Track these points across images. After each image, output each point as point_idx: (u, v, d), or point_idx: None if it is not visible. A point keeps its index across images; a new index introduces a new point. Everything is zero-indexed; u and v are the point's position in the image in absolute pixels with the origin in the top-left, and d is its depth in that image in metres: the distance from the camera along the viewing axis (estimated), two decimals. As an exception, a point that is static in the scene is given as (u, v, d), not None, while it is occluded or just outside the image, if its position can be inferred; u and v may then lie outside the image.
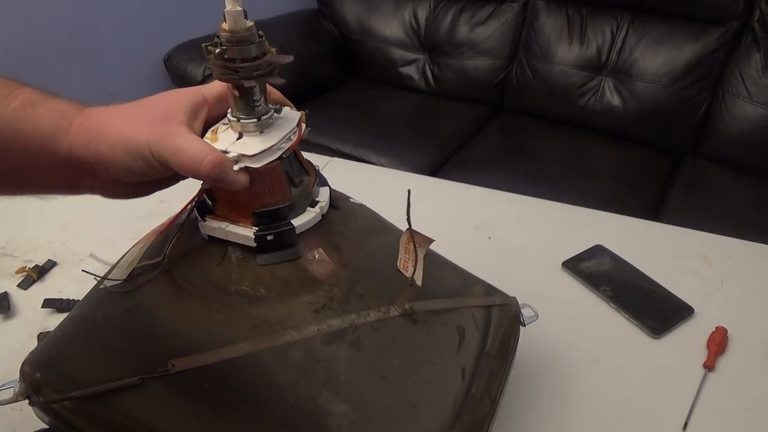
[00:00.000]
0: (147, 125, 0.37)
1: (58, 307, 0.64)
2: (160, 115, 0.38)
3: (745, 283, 0.70)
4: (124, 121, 0.37)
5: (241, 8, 0.36)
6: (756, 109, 1.55)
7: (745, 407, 0.56)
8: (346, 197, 0.51)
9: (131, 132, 0.37)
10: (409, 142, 1.72)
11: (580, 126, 1.79)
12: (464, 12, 1.94)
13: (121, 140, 0.36)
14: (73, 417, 0.41)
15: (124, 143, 0.36)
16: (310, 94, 1.90)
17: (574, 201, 0.85)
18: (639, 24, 1.70)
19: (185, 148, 0.36)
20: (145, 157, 0.36)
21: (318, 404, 0.37)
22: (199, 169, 0.36)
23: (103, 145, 0.37)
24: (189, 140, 0.37)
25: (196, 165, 0.36)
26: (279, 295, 0.41)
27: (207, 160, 0.36)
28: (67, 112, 0.38)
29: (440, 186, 0.91)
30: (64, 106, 0.38)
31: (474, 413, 0.42)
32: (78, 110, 0.38)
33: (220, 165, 0.37)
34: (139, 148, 0.36)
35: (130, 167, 0.37)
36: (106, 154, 0.37)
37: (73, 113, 0.38)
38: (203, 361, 0.38)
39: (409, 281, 0.43)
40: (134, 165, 0.37)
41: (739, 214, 1.40)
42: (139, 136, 0.36)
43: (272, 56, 0.38)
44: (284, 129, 0.41)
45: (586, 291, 0.69)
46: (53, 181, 0.40)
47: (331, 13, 2.13)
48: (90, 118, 0.38)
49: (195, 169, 0.36)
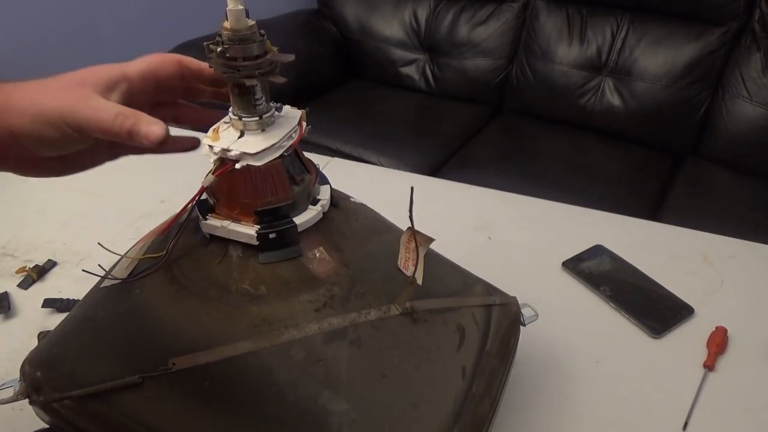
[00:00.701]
0: (59, 93, 0.36)
1: (58, 307, 0.64)
2: (74, 84, 0.37)
3: (745, 283, 0.70)
4: (35, 92, 0.36)
5: (242, 7, 0.36)
6: (756, 109, 1.55)
7: (745, 407, 0.56)
8: (347, 196, 0.51)
9: (41, 100, 0.35)
10: (409, 142, 1.72)
11: (580, 126, 1.79)
12: (464, 12, 1.94)
13: (29, 108, 0.35)
14: (73, 416, 0.41)
15: (32, 111, 0.35)
16: (310, 94, 1.90)
17: (574, 201, 0.85)
18: (639, 24, 1.70)
19: (96, 106, 0.35)
20: (55, 124, 0.35)
21: (318, 403, 0.37)
22: (113, 122, 0.35)
23: (12, 114, 0.36)
24: (101, 101, 0.36)
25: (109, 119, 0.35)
26: (280, 293, 0.41)
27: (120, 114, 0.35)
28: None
29: (440, 186, 0.91)
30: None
31: (474, 412, 0.42)
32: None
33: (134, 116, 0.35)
34: (49, 114, 0.35)
35: (39, 136, 0.36)
36: (15, 124, 0.36)
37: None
38: (204, 360, 0.38)
39: (410, 280, 0.43)
40: (44, 133, 0.36)
41: (739, 214, 1.40)
42: (49, 102, 0.35)
43: (273, 55, 0.38)
44: (285, 127, 0.41)
45: (586, 291, 0.69)
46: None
47: (331, 13, 2.13)
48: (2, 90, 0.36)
49: (108, 125, 0.35)
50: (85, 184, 0.88)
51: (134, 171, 0.92)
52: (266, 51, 0.38)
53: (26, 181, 0.87)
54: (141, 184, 0.88)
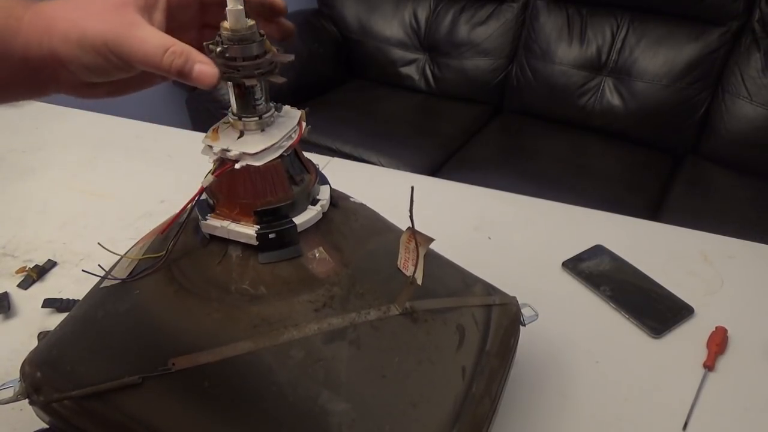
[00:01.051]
0: (100, 13, 0.33)
1: (58, 307, 0.64)
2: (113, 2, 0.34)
3: (745, 283, 0.70)
4: (76, 11, 0.34)
5: (242, 7, 0.36)
6: (756, 109, 1.55)
7: (745, 407, 0.56)
8: (347, 196, 0.51)
9: (83, 22, 0.33)
10: (409, 142, 1.73)
11: (579, 126, 1.79)
12: (464, 12, 1.94)
13: (74, 32, 0.33)
14: (73, 416, 0.41)
15: (78, 36, 0.33)
16: (310, 94, 1.91)
17: (574, 201, 0.85)
18: (639, 24, 1.70)
19: (144, 38, 0.33)
20: (100, 51, 0.33)
21: (318, 403, 0.37)
22: (162, 60, 0.33)
23: (56, 39, 0.34)
24: (147, 31, 0.33)
25: (158, 56, 0.33)
26: (279, 293, 0.41)
27: (170, 51, 0.33)
28: (13, 9, 0.35)
29: (440, 186, 0.91)
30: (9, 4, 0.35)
31: (474, 412, 0.42)
32: (26, 6, 0.35)
33: (185, 54, 0.33)
34: (94, 40, 0.33)
35: (87, 63, 0.34)
36: (61, 49, 0.34)
37: (21, 10, 0.35)
38: (203, 360, 0.38)
39: (410, 280, 0.43)
40: (91, 60, 0.34)
41: (739, 214, 1.40)
42: (93, 25, 0.33)
43: (273, 55, 0.38)
44: (285, 127, 0.41)
45: (586, 291, 0.69)
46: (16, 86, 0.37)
47: (331, 13, 2.13)
48: (39, 13, 0.34)
49: (156, 62, 0.33)
50: (85, 184, 0.88)
51: (134, 171, 0.92)
52: (266, 51, 0.38)
53: (26, 181, 0.88)
54: (141, 184, 0.88)
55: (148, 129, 1.05)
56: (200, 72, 0.34)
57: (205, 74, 0.34)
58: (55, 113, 1.07)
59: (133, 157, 0.95)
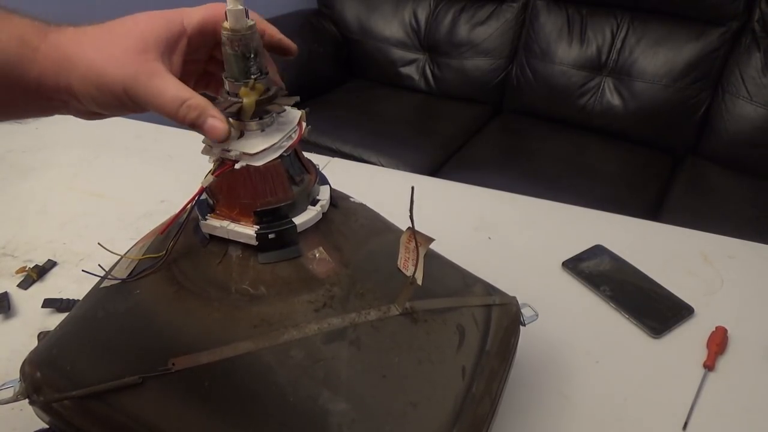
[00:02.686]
0: (120, 58, 0.34)
1: (58, 307, 0.64)
2: (134, 46, 0.35)
3: (745, 283, 0.70)
4: (95, 52, 0.35)
5: (242, 7, 0.36)
6: (756, 109, 1.55)
7: (745, 407, 0.56)
8: (347, 197, 0.51)
9: (103, 66, 0.34)
10: (409, 142, 1.73)
11: (579, 126, 1.79)
12: (464, 12, 1.94)
13: (93, 74, 0.34)
14: (73, 416, 0.41)
15: (96, 78, 0.34)
16: (310, 94, 1.91)
17: (574, 201, 0.85)
18: (639, 24, 1.70)
19: (163, 90, 0.34)
20: (118, 96, 0.34)
21: (318, 403, 0.37)
22: (177, 112, 0.34)
23: (74, 77, 0.35)
24: (166, 81, 0.34)
25: (174, 108, 0.34)
26: (279, 293, 0.41)
27: (186, 105, 0.34)
28: (29, 38, 0.35)
29: (440, 186, 0.91)
30: (24, 30, 0.35)
31: (474, 412, 0.42)
32: (41, 35, 0.35)
33: (199, 109, 0.35)
34: (113, 86, 0.34)
35: (102, 103, 0.35)
36: (78, 88, 0.35)
37: (37, 39, 0.35)
38: (203, 360, 0.38)
39: (410, 280, 0.43)
40: (107, 101, 0.35)
41: (739, 214, 1.40)
42: (112, 71, 0.34)
43: (277, 89, 0.40)
44: (285, 127, 0.41)
45: (586, 291, 0.69)
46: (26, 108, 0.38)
47: (331, 13, 2.13)
48: (58, 46, 0.35)
49: (172, 113, 0.34)
50: (85, 184, 0.88)
51: (134, 171, 0.92)
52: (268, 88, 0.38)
53: (26, 181, 0.88)
54: (141, 184, 0.88)
55: (148, 129, 1.05)
56: (212, 127, 0.35)
57: (216, 129, 0.35)
58: (55, 113, 1.07)
59: (133, 157, 0.95)
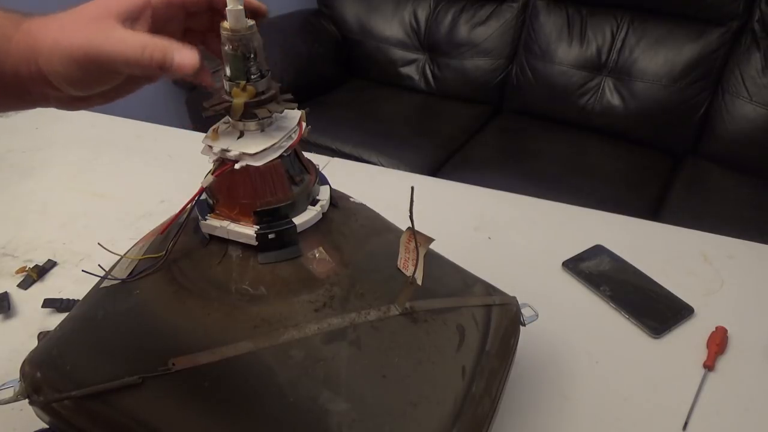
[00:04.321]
0: (81, 28, 0.34)
1: (58, 307, 0.64)
2: (95, 17, 0.34)
3: (745, 283, 0.70)
4: (59, 30, 0.35)
5: (242, 7, 0.36)
6: (756, 109, 1.55)
7: (745, 407, 0.56)
8: (347, 197, 0.51)
9: (65, 38, 0.34)
10: (409, 142, 1.72)
11: (580, 126, 1.79)
12: (464, 12, 1.94)
13: (55, 48, 0.34)
14: (73, 416, 0.41)
15: (59, 52, 0.34)
16: (310, 94, 1.90)
17: (574, 201, 0.85)
18: (639, 24, 1.70)
19: (121, 38, 0.33)
20: (81, 63, 0.34)
21: (318, 403, 0.37)
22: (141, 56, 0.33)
23: (41, 58, 0.35)
24: (124, 33, 0.34)
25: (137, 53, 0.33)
26: (279, 293, 0.41)
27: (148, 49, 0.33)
28: (4, 29, 0.35)
29: (440, 186, 0.91)
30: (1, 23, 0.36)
31: (474, 412, 0.42)
32: (17, 25, 0.36)
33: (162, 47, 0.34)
34: (74, 52, 0.34)
35: (69, 77, 0.35)
36: (45, 68, 0.35)
37: (12, 30, 0.35)
38: (203, 360, 0.38)
39: (410, 280, 0.43)
40: (73, 74, 0.35)
41: (739, 214, 1.40)
42: (73, 40, 0.34)
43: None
44: (285, 127, 0.41)
45: (586, 291, 0.69)
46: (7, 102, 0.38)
47: (331, 13, 2.13)
48: (28, 33, 0.35)
49: (137, 58, 0.33)
50: (85, 184, 0.88)
51: (134, 171, 0.92)
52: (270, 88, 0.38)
53: (26, 181, 0.88)
54: (141, 184, 0.88)
55: (148, 129, 1.05)
56: (181, 61, 0.34)
57: (185, 62, 0.34)
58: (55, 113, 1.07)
59: (133, 157, 0.95)
